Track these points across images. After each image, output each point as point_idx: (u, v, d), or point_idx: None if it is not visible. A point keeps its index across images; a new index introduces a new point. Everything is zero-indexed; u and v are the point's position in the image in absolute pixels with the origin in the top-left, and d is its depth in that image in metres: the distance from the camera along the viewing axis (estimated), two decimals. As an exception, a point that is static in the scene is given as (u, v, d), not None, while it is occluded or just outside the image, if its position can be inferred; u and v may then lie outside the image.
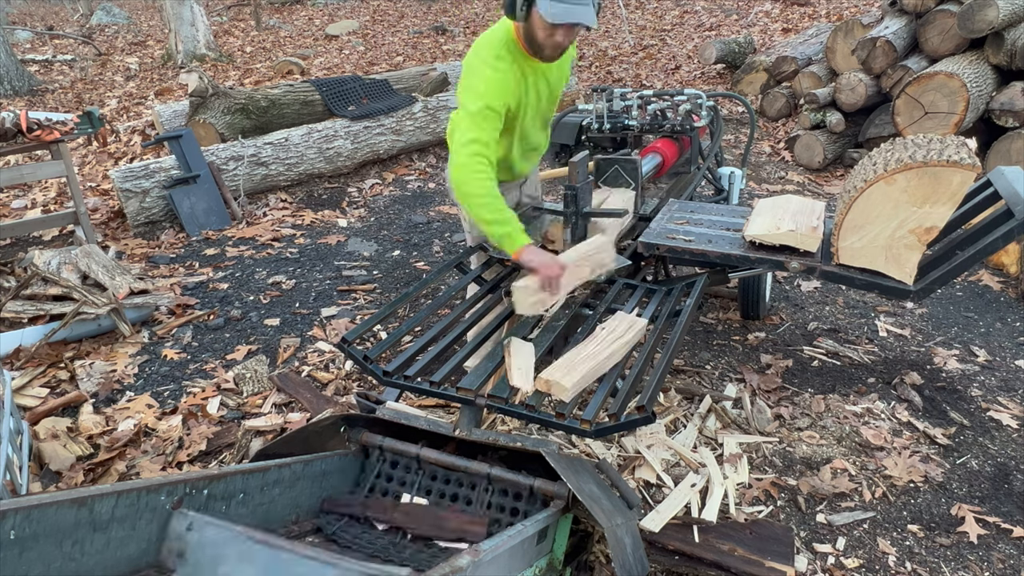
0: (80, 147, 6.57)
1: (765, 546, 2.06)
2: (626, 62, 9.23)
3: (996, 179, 2.41)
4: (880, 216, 2.16)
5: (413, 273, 4.20)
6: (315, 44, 12.08)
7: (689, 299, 2.22)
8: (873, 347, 3.24)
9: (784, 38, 8.67)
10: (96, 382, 3.10)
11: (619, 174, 2.87)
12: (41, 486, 2.50)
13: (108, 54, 11.85)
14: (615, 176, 2.88)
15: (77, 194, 4.40)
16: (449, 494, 1.72)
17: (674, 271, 3.15)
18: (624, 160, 2.86)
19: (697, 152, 3.48)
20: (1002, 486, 2.42)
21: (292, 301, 3.89)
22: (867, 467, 2.51)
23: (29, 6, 18.95)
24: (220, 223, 4.95)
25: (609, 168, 2.89)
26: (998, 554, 2.16)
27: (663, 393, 2.89)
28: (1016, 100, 4.84)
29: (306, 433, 1.71)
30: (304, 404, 2.90)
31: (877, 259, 2.23)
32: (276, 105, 5.94)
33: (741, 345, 3.29)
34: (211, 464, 2.66)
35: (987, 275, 3.86)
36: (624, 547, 1.47)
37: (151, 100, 8.36)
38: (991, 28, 4.87)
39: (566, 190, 2.31)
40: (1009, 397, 2.88)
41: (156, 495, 1.29)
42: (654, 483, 2.42)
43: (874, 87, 5.51)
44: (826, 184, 5.42)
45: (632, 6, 13.27)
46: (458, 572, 1.13)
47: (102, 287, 3.54)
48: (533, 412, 1.70)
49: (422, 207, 5.34)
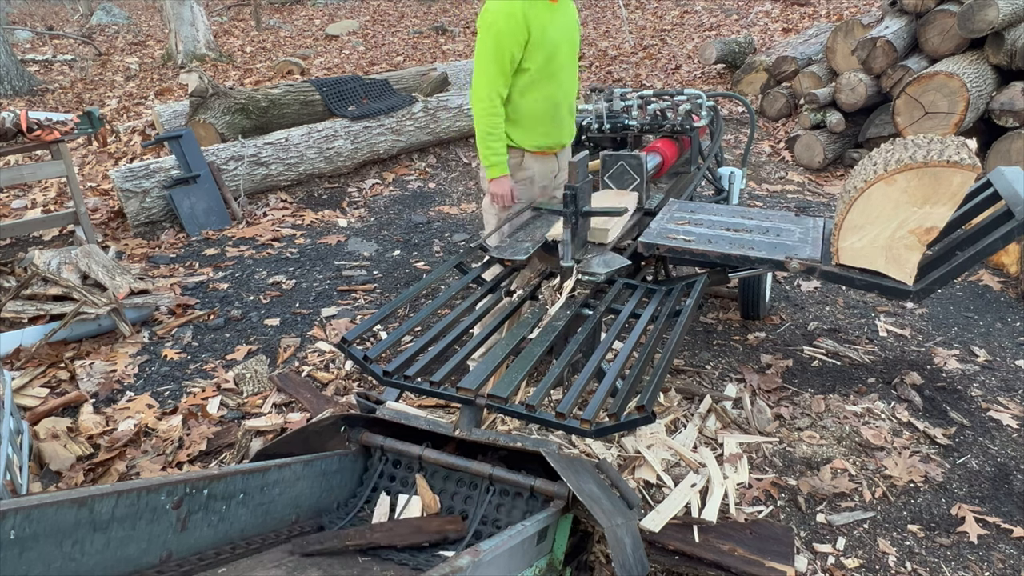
0: (80, 147, 6.57)
1: (765, 546, 2.06)
2: (626, 62, 9.23)
3: (996, 179, 2.41)
4: (880, 216, 2.16)
5: (413, 273, 4.20)
6: (315, 44, 12.08)
7: (689, 299, 2.22)
8: (873, 347, 3.24)
9: (784, 38, 8.67)
10: (96, 382, 3.10)
11: (624, 170, 2.90)
12: (41, 486, 2.50)
13: (108, 54, 11.85)
14: (620, 172, 2.91)
15: (77, 194, 4.40)
16: (451, 493, 1.72)
17: (674, 271, 3.15)
18: (629, 156, 2.90)
19: (697, 152, 3.48)
20: (1002, 486, 2.42)
21: (292, 301, 3.89)
22: (867, 467, 2.51)
23: (29, 6, 18.95)
24: (220, 223, 4.95)
25: (615, 164, 2.93)
26: (998, 554, 2.16)
27: (663, 393, 2.89)
28: (1016, 100, 4.84)
29: (306, 433, 1.71)
30: (304, 404, 2.90)
31: (877, 259, 2.23)
32: (276, 105, 5.94)
33: (741, 345, 3.29)
34: (211, 464, 2.66)
35: (987, 275, 3.86)
36: (624, 547, 1.47)
37: (151, 100, 8.36)
38: (991, 28, 4.87)
39: (566, 190, 2.31)
40: (1009, 397, 2.88)
41: (156, 495, 1.29)
42: (654, 483, 2.42)
43: (874, 87, 5.51)
44: (826, 184, 5.42)
45: (632, 6, 13.28)
46: (458, 572, 1.13)
47: (102, 287, 3.54)
48: (533, 412, 1.70)
49: (422, 207, 5.34)
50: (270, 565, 1.44)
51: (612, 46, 10.24)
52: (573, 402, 1.71)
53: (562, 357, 1.98)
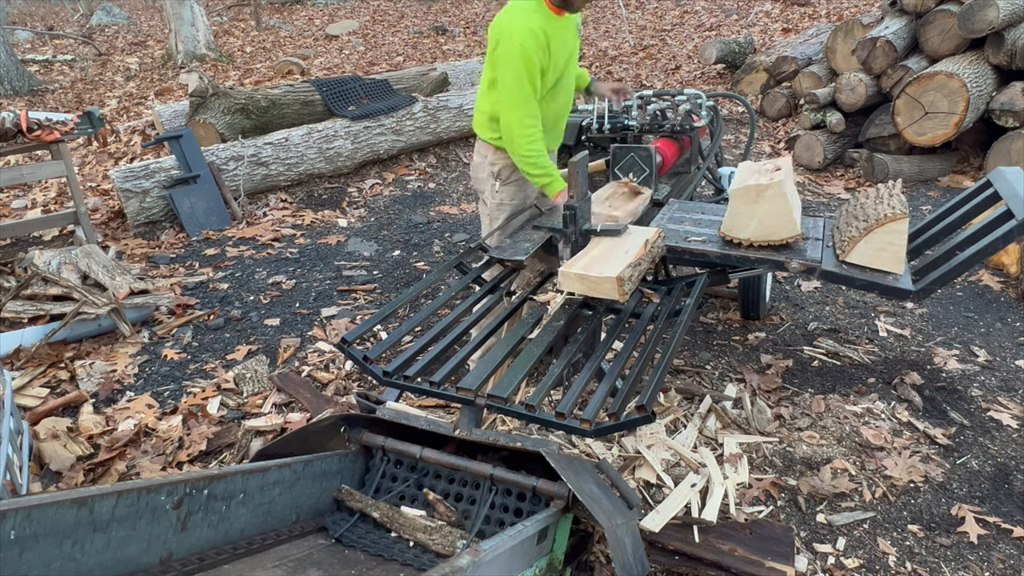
0: (80, 147, 6.57)
1: (765, 546, 2.06)
2: (626, 62, 9.23)
3: (996, 179, 2.41)
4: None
5: (413, 273, 4.20)
6: (315, 44, 12.08)
7: (689, 299, 2.22)
8: (873, 347, 3.24)
9: (784, 38, 8.67)
10: (96, 382, 3.10)
11: (635, 162, 2.96)
12: (41, 486, 2.50)
13: (108, 54, 11.85)
14: (630, 164, 2.97)
15: (77, 194, 4.40)
16: (453, 494, 1.72)
17: (674, 271, 3.15)
18: (639, 148, 2.96)
19: (697, 152, 3.48)
20: (1002, 486, 2.42)
21: (292, 301, 3.89)
22: (867, 467, 2.51)
23: (29, 6, 18.95)
24: (220, 223, 4.95)
25: (625, 156, 2.98)
26: (998, 554, 2.16)
27: (663, 393, 2.89)
28: (1016, 100, 4.84)
29: (306, 433, 1.71)
30: (304, 404, 2.90)
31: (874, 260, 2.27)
32: (276, 105, 5.94)
33: (741, 345, 3.29)
34: (211, 464, 2.66)
35: (987, 275, 3.86)
36: (624, 547, 1.47)
37: (151, 100, 8.36)
38: (991, 28, 4.87)
39: (565, 209, 2.32)
40: (1009, 397, 2.88)
41: (156, 495, 1.29)
42: (654, 483, 2.42)
43: (874, 87, 5.51)
44: (826, 184, 5.42)
45: (632, 6, 13.28)
46: (458, 572, 1.13)
47: (102, 287, 3.54)
48: (533, 412, 1.70)
49: (422, 207, 5.34)
50: (270, 565, 1.44)
51: (612, 46, 10.24)
52: (573, 402, 1.71)
53: (562, 357, 1.98)
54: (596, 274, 2.07)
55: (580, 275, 2.10)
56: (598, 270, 2.09)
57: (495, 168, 2.85)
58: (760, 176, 2.37)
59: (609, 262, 2.15)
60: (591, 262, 2.17)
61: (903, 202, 2.29)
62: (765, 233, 2.38)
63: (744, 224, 2.39)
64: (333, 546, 1.60)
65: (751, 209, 2.35)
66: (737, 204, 2.38)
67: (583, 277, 2.10)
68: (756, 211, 2.35)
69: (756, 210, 2.34)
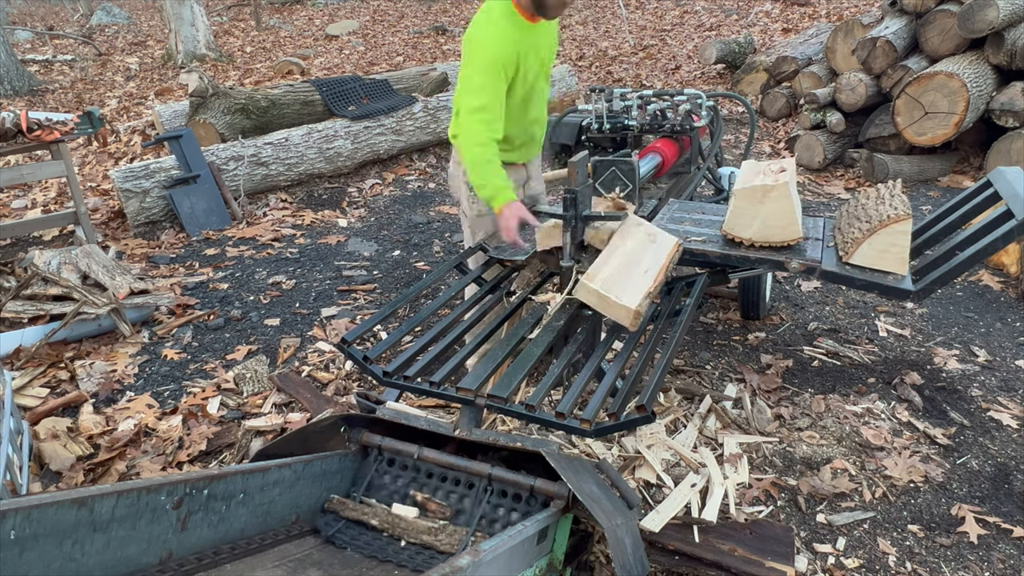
0: (80, 147, 6.57)
1: (765, 546, 2.06)
2: (626, 62, 9.23)
3: (996, 179, 2.41)
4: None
5: (413, 273, 4.20)
6: (315, 44, 12.08)
7: (689, 299, 2.22)
8: (873, 347, 3.24)
9: (784, 38, 8.67)
10: (96, 382, 3.10)
11: (616, 176, 2.83)
12: (41, 486, 2.50)
13: (108, 54, 11.85)
14: (612, 178, 2.82)
15: (77, 194, 4.40)
16: (450, 493, 1.72)
17: (674, 271, 3.15)
18: (621, 161, 2.80)
19: (697, 152, 3.48)
20: (1002, 486, 2.42)
21: (292, 301, 3.89)
22: (867, 467, 2.51)
23: (29, 6, 18.95)
24: (220, 223, 4.95)
25: (606, 170, 2.81)
26: (998, 554, 2.16)
27: (663, 393, 2.89)
28: (1016, 100, 4.84)
29: (306, 433, 1.71)
30: (304, 404, 2.90)
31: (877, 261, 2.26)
32: (276, 105, 5.94)
33: (741, 345, 3.29)
34: (211, 464, 2.66)
35: (987, 275, 3.85)
36: (624, 547, 1.47)
37: (151, 100, 8.36)
38: (991, 28, 4.87)
39: (566, 193, 2.30)
40: (1009, 397, 2.88)
41: (156, 495, 1.29)
42: (654, 483, 2.42)
43: (874, 87, 5.51)
44: (826, 184, 5.42)
45: (632, 6, 13.28)
46: (458, 572, 1.13)
47: (102, 287, 3.54)
48: (533, 412, 1.70)
49: (422, 207, 5.34)
50: (270, 565, 1.44)
51: (612, 46, 10.25)
52: (573, 402, 1.71)
53: (562, 357, 1.98)
54: (615, 299, 2.00)
55: (599, 293, 2.03)
56: (617, 293, 2.02)
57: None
58: (765, 176, 2.37)
59: (630, 281, 2.08)
60: (610, 278, 2.08)
61: (905, 203, 2.28)
62: (767, 234, 2.37)
63: (747, 224, 2.38)
64: (333, 546, 1.60)
65: (755, 209, 2.35)
66: (741, 203, 2.37)
67: (602, 297, 2.03)
68: (760, 211, 2.34)
69: (760, 210, 2.34)
